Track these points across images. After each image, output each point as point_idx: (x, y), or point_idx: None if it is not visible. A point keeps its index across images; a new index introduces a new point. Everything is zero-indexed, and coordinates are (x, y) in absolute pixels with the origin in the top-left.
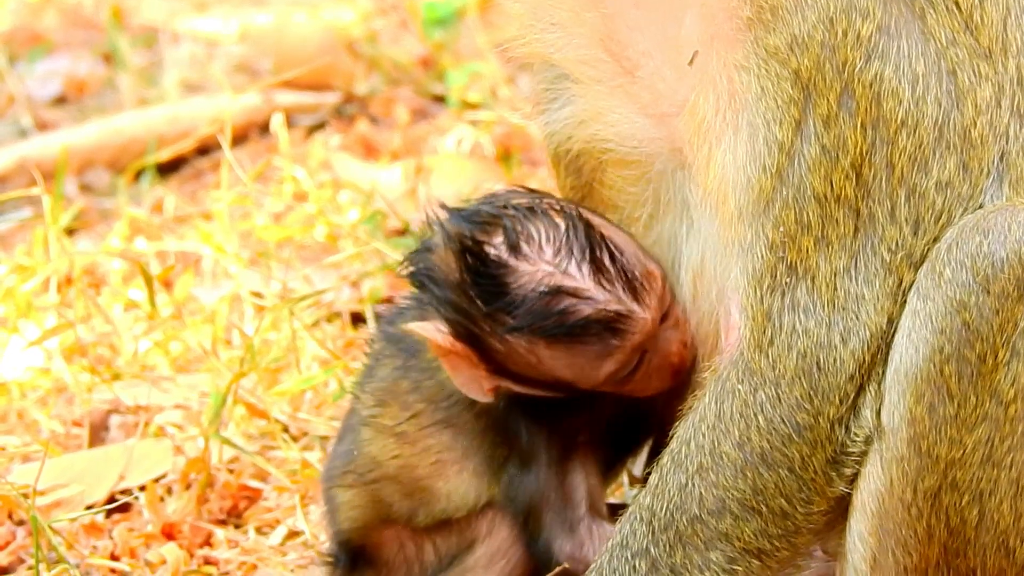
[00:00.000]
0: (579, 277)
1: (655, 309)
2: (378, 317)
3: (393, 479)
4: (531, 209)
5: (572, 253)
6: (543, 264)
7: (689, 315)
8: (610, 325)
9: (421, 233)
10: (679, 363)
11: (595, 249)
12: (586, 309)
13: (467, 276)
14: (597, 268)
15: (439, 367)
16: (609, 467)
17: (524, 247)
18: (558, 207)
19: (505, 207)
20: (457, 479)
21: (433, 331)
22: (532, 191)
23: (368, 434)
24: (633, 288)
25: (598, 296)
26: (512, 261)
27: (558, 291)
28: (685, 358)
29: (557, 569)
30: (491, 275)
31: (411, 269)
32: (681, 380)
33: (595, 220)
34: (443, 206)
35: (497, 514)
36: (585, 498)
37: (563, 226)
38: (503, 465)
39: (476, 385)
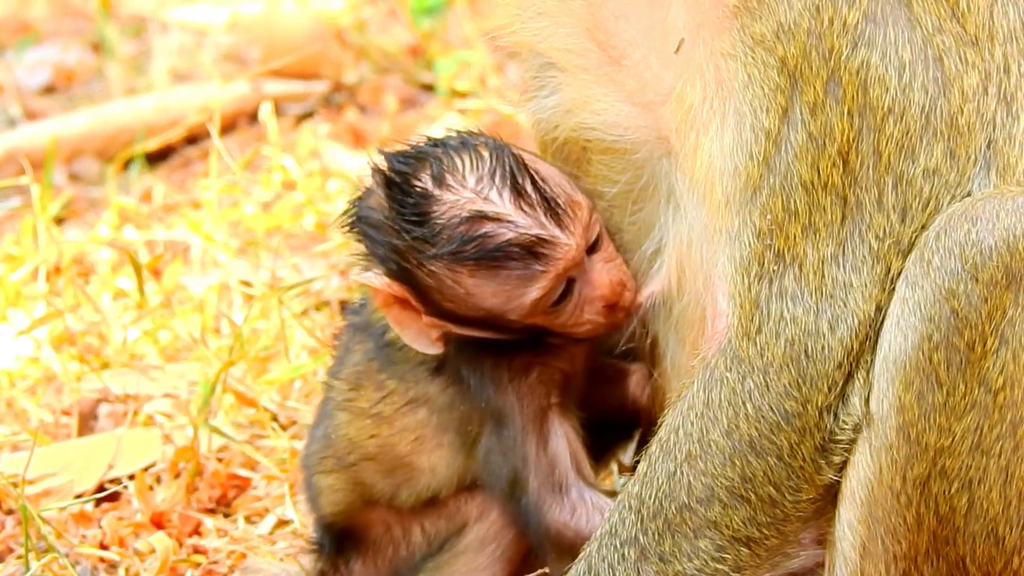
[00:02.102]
0: (499, 203)
1: (579, 236)
2: (343, 311)
3: (373, 459)
4: (461, 143)
5: (494, 181)
6: (465, 192)
7: (673, 302)
8: (532, 249)
9: (360, 185)
10: (611, 296)
11: (517, 177)
12: (507, 233)
13: (393, 209)
14: (518, 194)
15: (404, 345)
16: (599, 453)
17: (448, 178)
18: (487, 142)
19: (435, 145)
20: (437, 454)
21: (372, 278)
22: (468, 131)
23: (345, 418)
24: (556, 214)
25: (519, 220)
26: (436, 192)
27: (478, 216)
28: (619, 294)
29: (538, 572)
30: (413, 204)
31: (350, 221)
32: (618, 320)
33: (524, 154)
34: (378, 150)
35: (487, 497)
36: (571, 463)
37: (488, 157)
38: (477, 439)
39: (423, 336)
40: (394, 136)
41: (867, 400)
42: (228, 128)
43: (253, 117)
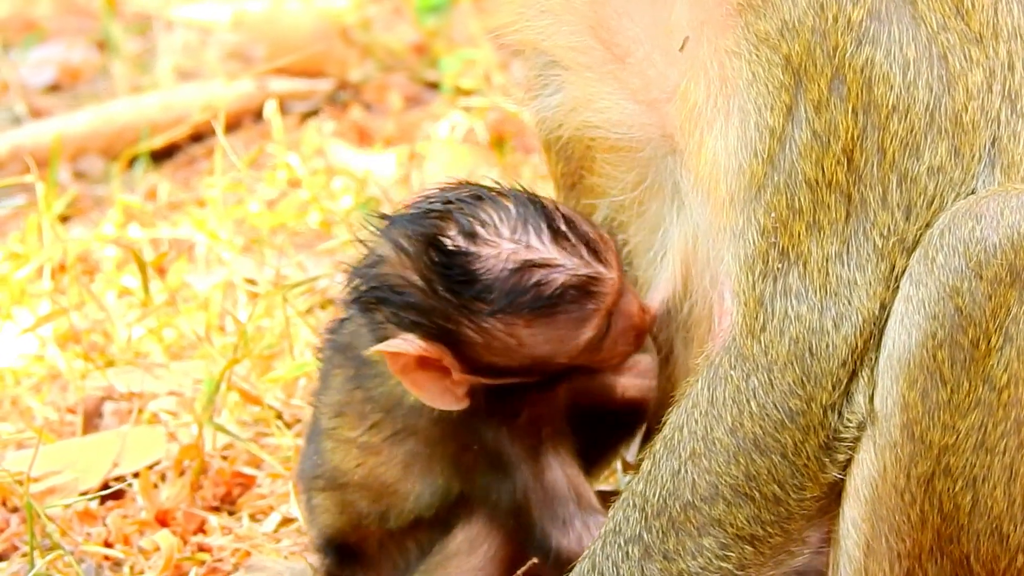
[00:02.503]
0: (543, 248)
1: (617, 268)
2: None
3: (360, 486)
4: (476, 196)
5: (529, 227)
6: (505, 243)
7: (680, 301)
8: (586, 289)
9: (360, 251)
10: (640, 324)
11: (551, 220)
12: (560, 277)
13: (431, 273)
14: (557, 237)
15: (390, 374)
16: (592, 460)
17: (481, 231)
18: (502, 190)
19: (449, 200)
20: (423, 483)
21: (401, 344)
22: (468, 183)
23: (331, 445)
24: (595, 251)
25: (567, 263)
26: (473, 248)
27: (527, 265)
28: (644, 321)
29: (527, 564)
30: (457, 265)
31: (362, 290)
32: (640, 346)
33: (540, 196)
34: (383, 216)
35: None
36: (570, 492)
37: (512, 205)
38: (472, 470)
39: (448, 394)
40: (399, 134)
41: (871, 398)
42: (233, 126)
43: (258, 115)
